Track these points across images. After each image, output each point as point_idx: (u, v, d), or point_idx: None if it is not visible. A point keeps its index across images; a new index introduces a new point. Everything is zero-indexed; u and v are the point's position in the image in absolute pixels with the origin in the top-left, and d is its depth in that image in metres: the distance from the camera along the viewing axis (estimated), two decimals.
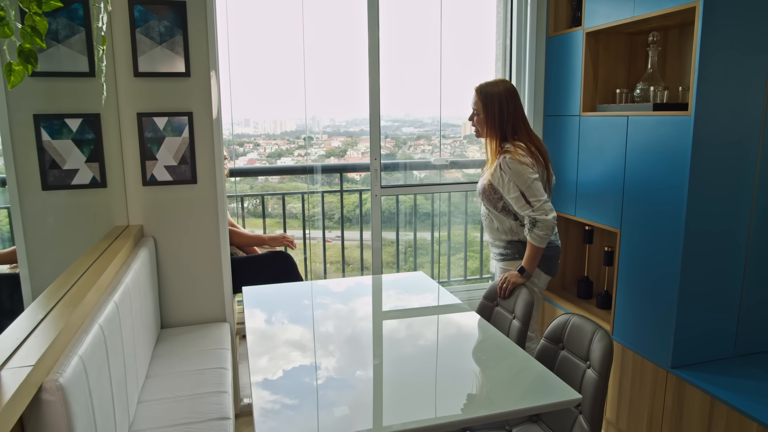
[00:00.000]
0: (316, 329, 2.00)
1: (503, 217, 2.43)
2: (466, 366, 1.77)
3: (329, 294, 2.44)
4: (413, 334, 2.00)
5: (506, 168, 2.31)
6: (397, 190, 3.33)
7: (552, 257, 2.43)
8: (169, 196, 2.57)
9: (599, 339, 1.79)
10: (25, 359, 1.17)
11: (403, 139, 5.06)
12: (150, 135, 2.51)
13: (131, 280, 1.99)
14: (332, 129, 5.64)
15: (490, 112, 2.39)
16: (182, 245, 2.62)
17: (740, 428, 1.94)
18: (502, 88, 2.40)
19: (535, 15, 2.94)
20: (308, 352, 1.79)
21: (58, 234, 2.47)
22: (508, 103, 2.38)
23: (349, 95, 3.66)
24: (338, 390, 1.56)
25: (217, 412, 1.92)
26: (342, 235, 4.16)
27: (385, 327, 2.08)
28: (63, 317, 1.41)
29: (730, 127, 2.12)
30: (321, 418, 1.41)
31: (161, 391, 2.05)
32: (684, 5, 2.10)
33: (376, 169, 2.82)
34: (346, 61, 3.46)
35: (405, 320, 2.14)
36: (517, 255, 2.44)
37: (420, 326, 2.08)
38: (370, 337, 1.97)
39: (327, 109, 4.56)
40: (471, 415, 1.42)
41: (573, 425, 1.81)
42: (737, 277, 2.25)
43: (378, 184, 2.89)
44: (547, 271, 2.44)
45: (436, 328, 2.08)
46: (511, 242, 2.46)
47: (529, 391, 1.59)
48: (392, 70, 3.36)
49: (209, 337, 2.52)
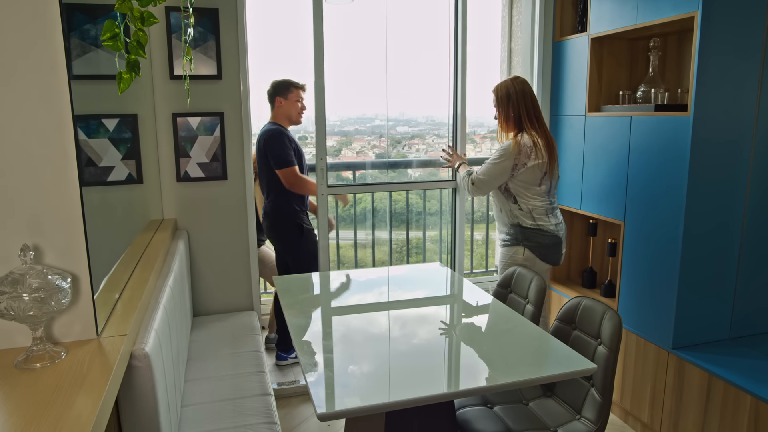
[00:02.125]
0: (345, 314, 2.17)
1: (504, 198, 2.66)
2: (489, 342, 1.94)
3: (353, 283, 2.61)
4: (435, 315, 2.17)
5: (498, 151, 2.62)
6: (344, 190, 3.25)
7: (549, 245, 2.62)
8: (201, 192, 2.74)
9: (609, 318, 1.97)
10: (118, 330, 1.34)
11: (398, 138, 5.20)
12: (184, 134, 2.67)
13: (177, 267, 2.15)
14: (327, 128, 5.73)
15: (503, 109, 2.65)
16: (213, 238, 2.79)
17: (736, 401, 2.13)
18: (512, 86, 2.63)
19: (542, 21, 3.12)
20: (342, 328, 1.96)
21: (96, 227, 2.62)
22: (518, 100, 2.60)
23: (342, 94, 3.73)
24: (371, 360, 1.73)
25: (259, 389, 2.08)
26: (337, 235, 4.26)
27: (406, 310, 2.26)
28: (135, 297, 1.58)
29: (726, 126, 2.31)
30: (353, 377, 1.58)
31: (203, 370, 2.21)
32: (684, 14, 2.28)
33: (322, 169, 2.86)
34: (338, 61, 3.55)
35: (426, 305, 2.32)
36: (516, 241, 2.64)
37: (441, 308, 2.25)
38: (394, 318, 2.15)
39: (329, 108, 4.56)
40: (495, 382, 1.60)
41: (585, 397, 1.99)
42: (732, 266, 2.44)
43: (324, 184, 2.91)
44: (543, 258, 2.63)
45: (457, 309, 2.26)
46: (512, 226, 2.66)
47: (549, 362, 1.77)
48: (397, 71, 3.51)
49: (240, 324, 2.69)
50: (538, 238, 2.61)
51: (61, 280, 1.17)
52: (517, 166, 2.57)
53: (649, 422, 2.57)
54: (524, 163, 2.56)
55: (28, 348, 1.18)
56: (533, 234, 2.61)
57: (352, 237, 4.30)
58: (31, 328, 1.17)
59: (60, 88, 1.18)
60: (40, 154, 1.19)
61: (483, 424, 1.99)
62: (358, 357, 1.76)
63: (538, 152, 2.55)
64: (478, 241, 5.01)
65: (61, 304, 1.16)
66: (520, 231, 2.63)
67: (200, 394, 2.02)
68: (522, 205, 2.61)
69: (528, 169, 2.56)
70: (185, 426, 1.82)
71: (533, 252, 2.60)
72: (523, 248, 2.62)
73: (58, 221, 1.22)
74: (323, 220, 2.99)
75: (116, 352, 1.22)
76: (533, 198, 2.61)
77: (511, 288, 2.55)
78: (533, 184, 2.59)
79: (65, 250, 1.24)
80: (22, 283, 1.12)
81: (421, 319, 2.14)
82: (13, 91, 1.16)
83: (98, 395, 1.03)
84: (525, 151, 2.55)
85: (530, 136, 2.58)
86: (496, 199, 2.72)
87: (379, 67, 3.91)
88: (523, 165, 2.56)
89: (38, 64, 1.16)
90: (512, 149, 2.56)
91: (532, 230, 2.61)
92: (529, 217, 2.62)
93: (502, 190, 2.65)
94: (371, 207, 4.31)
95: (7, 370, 1.14)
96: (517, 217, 2.64)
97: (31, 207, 1.20)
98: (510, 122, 2.65)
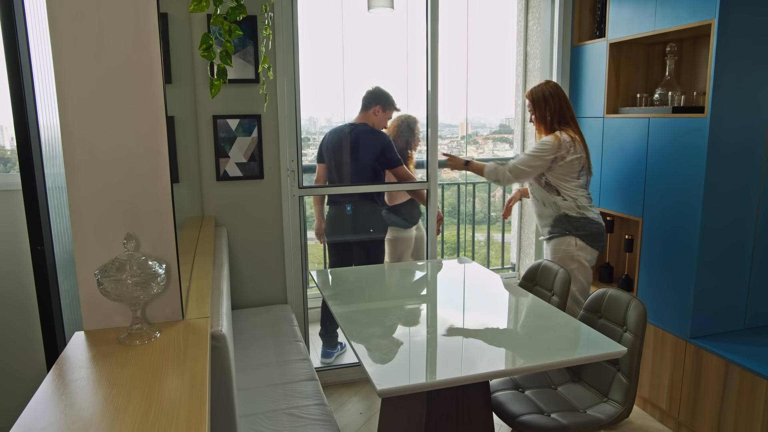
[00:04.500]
0: (384, 304, 2.31)
1: (546, 192, 2.78)
2: (521, 329, 2.08)
3: (388, 276, 2.74)
4: (470, 306, 2.30)
5: (539, 144, 2.73)
6: (316, 191, 3.33)
7: (596, 233, 2.74)
8: (239, 190, 2.87)
9: (634, 306, 2.10)
10: (199, 313, 1.47)
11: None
12: (224, 135, 2.80)
13: (226, 260, 2.29)
14: (329, 129, 5.84)
15: (540, 112, 2.79)
16: (249, 234, 2.92)
17: (752, 385, 2.27)
18: (546, 89, 2.78)
19: (561, 27, 3.26)
20: (384, 316, 2.10)
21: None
22: (554, 102, 2.75)
23: (345, 95, 3.85)
24: (415, 344, 1.87)
25: (305, 374, 2.22)
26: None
27: (443, 301, 2.39)
28: (204, 285, 1.71)
29: (741, 128, 2.44)
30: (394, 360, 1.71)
31: (250, 359, 2.35)
32: (701, 22, 2.42)
33: (293, 171, 2.95)
34: (343, 62, 3.67)
35: (459, 295, 2.45)
36: (565, 231, 2.75)
37: (475, 299, 2.39)
38: (433, 308, 2.28)
39: (323, 109, 4.63)
40: (528, 364, 1.73)
41: (612, 381, 2.12)
42: (747, 260, 2.57)
43: (296, 185, 2.98)
44: (593, 245, 2.74)
45: (490, 300, 2.39)
46: (557, 218, 2.76)
47: (581, 346, 1.90)
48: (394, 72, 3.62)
49: (276, 316, 2.82)
50: (586, 227, 2.73)
51: (158, 267, 1.30)
52: (557, 159, 2.70)
53: (668, 409, 2.70)
54: (563, 156, 2.69)
55: (129, 326, 1.32)
56: (581, 223, 2.73)
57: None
58: (132, 309, 1.31)
59: (156, 93, 1.32)
60: (138, 153, 1.33)
61: (516, 406, 2.12)
62: (401, 343, 1.90)
63: (577, 147, 2.70)
64: (480, 242, 5.13)
65: (160, 287, 1.30)
66: (568, 221, 2.74)
67: (250, 380, 2.15)
68: (565, 196, 2.74)
69: (567, 162, 2.70)
70: (244, 407, 1.95)
71: (584, 240, 2.73)
72: (574, 238, 2.73)
73: (152, 214, 1.36)
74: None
75: (204, 331, 1.36)
76: (574, 189, 2.74)
77: (536, 281, 2.68)
78: (572, 176, 2.73)
79: (158, 240, 1.37)
80: (126, 269, 1.26)
81: (453, 308, 2.27)
82: (116, 95, 1.29)
83: (203, 366, 1.17)
84: (565, 146, 2.69)
85: (568, 134, 2.72)
86: (538, 195, 2.84)
87: (377, 69, 4.02)
88: (562, 158, 2.69)
89: (138, 71, 1.30)
90: (553, 143, 2.70)
91: (579, 219, 2.73)
92: (575, 207, 2.74)
93: (543, 185, 2.78)
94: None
95: (113, 346, 1.28)
96: (563, 208, 2.76)
97: (130, 201, 1.34)
98: (547, 124, 2.79)
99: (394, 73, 3.82)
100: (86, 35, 1.26)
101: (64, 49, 1.25)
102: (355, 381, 3.21)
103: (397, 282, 2.66)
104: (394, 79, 3.80)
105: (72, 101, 1.27)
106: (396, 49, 3.73)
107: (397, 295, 2.44)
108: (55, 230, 1.54)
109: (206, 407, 1.00)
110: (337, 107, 3.99)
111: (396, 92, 3.73)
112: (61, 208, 1.63)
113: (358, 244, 3.53)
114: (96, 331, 1.35)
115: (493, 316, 2.21)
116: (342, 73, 3.72)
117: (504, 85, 4.61)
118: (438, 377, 1.66)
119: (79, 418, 0.98)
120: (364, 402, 2.99)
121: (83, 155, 1.30)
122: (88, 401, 1.05)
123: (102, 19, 1.26)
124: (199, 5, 1.23)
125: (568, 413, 2.07)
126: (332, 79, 3.85)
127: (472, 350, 1.86)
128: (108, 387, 1.09)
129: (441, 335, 1.96)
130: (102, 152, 1.31)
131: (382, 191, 3.45)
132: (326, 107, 4.73)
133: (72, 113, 1.27)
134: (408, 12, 3.39)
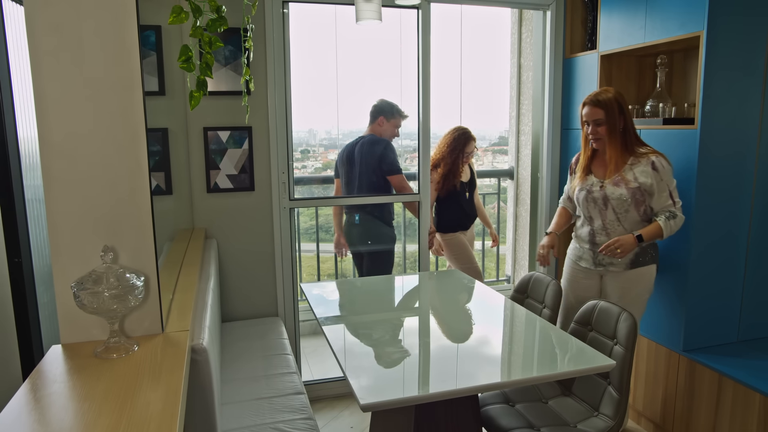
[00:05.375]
0: (374, 317, 2.29)
1: (640, 221, 2.47)
2: (510, 342, 2.06)
3: (378, 288, 2.72)
4: (459, 319, 2.28)
5: (661, 167, 2.37)
6: (310, 203, 3.41)
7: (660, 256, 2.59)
8: (229, 202, 2.86)
9: (624, 319, 2.08)
10: (179, 326, 1.46)
11: (398, 152, 5.32)
12: (214, 147, 2.80)
13: (214, 272, 2.27)
14: (328, 142, 5.85)
15: (611, 120, 2.42)
16: (240, 246, 2.91)
17: (745, 399, 2.24)
18: (619, 95, 2.45)
19: (553, 39, 3.27)
20: (370, 328, 2.08)
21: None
22: (626, 110, 2.45)
23: (346, 108, 3.88)
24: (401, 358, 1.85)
25: (292, 388, 2.20)
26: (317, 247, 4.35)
27: (432, 313, 2.37)
28: (187, 298, 1.70)
29: (731, 139, 2.44)
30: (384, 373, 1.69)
31: (236, 372, 2.32)
32: (690, 34, 2.42)
33: (284, 182, 2.95)
34: (337, 75, 3.71)
35: (447, 308, 2.43)
36: (653, 259, 2.50)
37: (464, 311, 2.37)
38: (419, 320, 2.26)
39: (323, 122, 4.63)
40: (517, 377, 1.71)
41: (603, 395, 2.10)
42: (739, 273, 2.56)
43: (287, 197, 2.96)
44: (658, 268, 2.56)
45: (478, 312, 2.37)
46: (646, 246, 2.47)
47: (571, 359, 1.88)
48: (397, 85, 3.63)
49: (267, 329, 2.80)
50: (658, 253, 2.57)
51: (136, 279, 1.29)
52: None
53: (662, 423, 2.67)
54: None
55: (106, 340, 1.30)
56: (657, 250, 2.55)
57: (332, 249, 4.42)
58: (109, 322, 1.29)
59: (136, 106, 1.31)
60: (118, 164, 1.32)
61: (506, 420, 2.10)
62: (390, 356, 1.88)
63: None
64: (477, 253, 5.11)
65: (137, 300, 1.28)
66: (654, 248, 2.51)
67: (237, 393, 2.13)
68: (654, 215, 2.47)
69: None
70: (227, 422, 1.92)
71: (654, 262, 2.52)
72: (655, 265, 2.51)
73: (131, 226, 1.35)
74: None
75: (183, 344, 1.34)
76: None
77: (528, 293, 2.67)
78: None
79: (137, 252, 1.36)
80: (103, 281, 1.24)
81: (443, 321, 2.25)
82: (96, 107, 1.29)
83: (178, 379, 1.15)
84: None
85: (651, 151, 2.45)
86: (629, 225, 2.47)
87: (380, 82, 4.03)
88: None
89: (119, 83, 1.29)
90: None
91: (656, 246, 2.55)
92: None
93: (642, 213, 2.46)
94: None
95: (89, 359, 1.26)
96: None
97: (110, 213, 1.33)
98: (617, 135, 2.44)
99: (387, 86, 3.84)
100: (66, 47, 1.26)
101: (43, 60, 1.25)
102: (346, 394, 3.18)
103: (386, 295, 2.64)
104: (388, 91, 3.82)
105: (50, 112, 1.27)
106: (390, 61, 3.76)
107: (387, 308, 2.42)
108: (33, 242, 1.52)
109: (177, 422, 0.98)
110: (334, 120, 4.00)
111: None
112: (40, 220, 1.62)
113: (367, 254, 3.59)
114: (73, 345, 1.34)
115: (484, 329, 2.19)
116: (336, 86, 3.74)
117: (499, 97, 4.63)
118: (426, 391, 1.64)
119: (50, 430, 0.97)
120: (356, 416, 2.96)
121: (61, 167, 1.29)
122: (59, 416, 1.03)
123: (82, 30, 1.26)
124: (178, 17, 1.23)
125: (558, 427, 2.05)
126: (328, 92, 3.87)
127: (460, 363, 1.84)
128: (80, 401, 1.07)
129: (430, 348, 1.94)
130: (81, 164, 1.30)
131: (386, 204, 3.48)
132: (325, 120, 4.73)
133: (50, 124, 1.27)
134: (402, 25, 3.41)
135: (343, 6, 3.04)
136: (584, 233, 2.62)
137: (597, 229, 2.55)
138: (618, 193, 2.45)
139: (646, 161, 2.42)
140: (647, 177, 2.41)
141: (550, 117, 3.35)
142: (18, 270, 1.41)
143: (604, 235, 2.53)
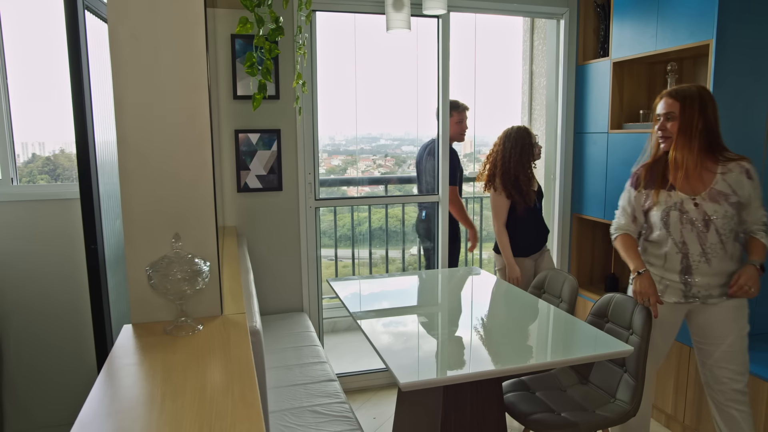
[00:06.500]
0: (402, 310, 2.42)
1: (733, 240, 2.16)
2: (531, 331, 2.18)
3: (403, 285, 2.85)
4: (482, 311, 2.41)
5: (755, 174, 2.13)
6: (334, 203, 3.55)
7: None
8: (258, 201, 3.00)
9: (639, 311, 2.21)
10: (235, 309, 1.59)
11: (403, 158, 5.45)
12: (245, 148, 2.94)
13: (249, 267, 2.40)
14: (332, 147, 5.97)
15: (688, 116, 2.11)
16: (268, 243, 3.04)
17: (754, 389, 2.36)
18: (703, 91, 2.15)
19: (566, 47, 3.41)
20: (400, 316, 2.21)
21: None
22: (710, 108, 2.14)
23: (347, 114, 4.00)
24: (431, 344, 1.97)
25: (324, 375, 2.32)
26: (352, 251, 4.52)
27: (456, 306, 2.50)
28: (235, 286, 1.83)
29: (739, 142, 2.57)
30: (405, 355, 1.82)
31: (270, 361, 2.45)
32: (700, 42, 2.56)
33: (310, 183, 3.07)
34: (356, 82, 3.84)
35: (474, 298, 2.56)
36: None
37: (486, 302, 2.49)
38: (448, 313, 2.39)
39: (326, 129, 4.75)
40: (541, 360, 1.83)
41: (619, 382, 2.22)
42: None
43: (313, 197, 3.09)
44: None
45: (501, 306, 2.50)
46: (736, 271, 2.15)
47: (591, 346, 2.00)
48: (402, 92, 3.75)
49: (294, 323, 2.93)
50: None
51: (203, 264, 1.42)
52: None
53: (673, 413, 2.78)
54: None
55: (175, 319, 1.43)
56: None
57: (349, 255, 4.55)
58: (177, 303, 1.42)
59: (202, 107, 1.45)
60: (186, 162, 1.45)
61: (526, 405, 2.22)
62: (421, 343, 2.01)
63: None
64: (485, 260, 5.23)
65: (204, 283, 1.41)
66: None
67: (273, 380, 2.25)
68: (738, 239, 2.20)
69: None
70: (270, 404, 2.05)
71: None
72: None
73: (196, 216, 1.48)
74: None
75: (243, 325, 1.47)
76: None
77: (545, 288, 2.79)
78: None
79: (201, 240, 1.49)
80: (174, 265, 1.38)
81: (468, 312, 2.38)
82: (166, 110, 1.42)
83: (247, 350, 1.28)
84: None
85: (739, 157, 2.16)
86: (730, 246, 2.15)
87: (384, 87, 4.17)
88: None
89: (187, 87, 1.43)
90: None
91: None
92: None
93: (732, 227, 2.14)
94: (368, 226, 4.52)
95: (160, 337, 1.39)
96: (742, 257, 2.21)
97: (177, 205, 1.46)
98: (690, 136, 2.10)
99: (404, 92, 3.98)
100: (142, 53, 1.39)
101: (122, 66, 1.39)
102: (368, 387, 3.30)
103: (411, 289, 2.76)
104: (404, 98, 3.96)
105: (128, 114, 1.40)
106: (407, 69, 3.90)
107: (414, 301, 2.55)
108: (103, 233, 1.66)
109: (256, 384, 1.11)
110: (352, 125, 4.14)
111: (406, 110, 3.88)
112: (108, 213, 1.76)
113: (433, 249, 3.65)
114: (142, 324, 1.47)
115: (505, 319, 2.32)
116: (354, 91, 3.88)
117: (511, 103, 4.76)
118: (454, 373, 1.77)
119: (144, 393, 1.09)
120: (376, 408, 3.08)
121: (136, 163, 1.42)
122: (149, 382, 1.16)
123: (157, 38, 1.40)
124: (244, 27, 1.37)
125: (577, 412, 2.17)
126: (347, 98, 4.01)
127: (485, 350, 1.96)
128: (164, 370, 1.20)
129: (456, 337, 2.07)
130: (152, 161, 1.43)
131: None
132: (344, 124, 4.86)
133: (127, 125, 1.41)
134: (418, 34, 3.55)
135: (361, 15, 3.18)
136: (675, 263, 2.20)
137: (695, 256, 2.15)
138: (722, 211, 2.10)
139: (738, 169, 2.11)
140: (743, 187, 2.10)
141: (564, 121, 3.48)
142: (93, 256, 1.54)
143: (704, 263, 2.14)
